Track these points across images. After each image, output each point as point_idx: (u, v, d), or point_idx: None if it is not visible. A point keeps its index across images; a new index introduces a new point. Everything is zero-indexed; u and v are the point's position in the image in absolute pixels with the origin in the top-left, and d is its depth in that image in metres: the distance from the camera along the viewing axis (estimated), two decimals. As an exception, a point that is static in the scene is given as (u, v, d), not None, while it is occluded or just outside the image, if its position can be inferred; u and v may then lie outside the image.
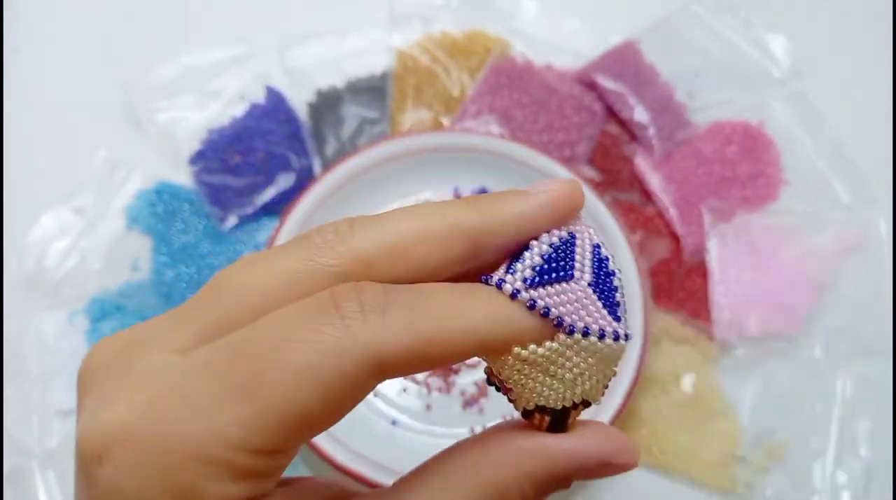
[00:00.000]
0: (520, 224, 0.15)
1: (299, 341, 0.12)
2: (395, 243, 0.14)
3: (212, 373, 0.12)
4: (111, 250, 0.36)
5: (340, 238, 0.14)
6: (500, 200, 0.15)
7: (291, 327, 0.12)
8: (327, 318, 0.12)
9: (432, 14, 0.44)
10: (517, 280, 0.14)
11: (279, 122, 0.39)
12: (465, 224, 0.14)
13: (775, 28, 0.45)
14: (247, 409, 0.12)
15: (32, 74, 0.42)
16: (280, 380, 0.12)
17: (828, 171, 0.41)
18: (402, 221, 0.14)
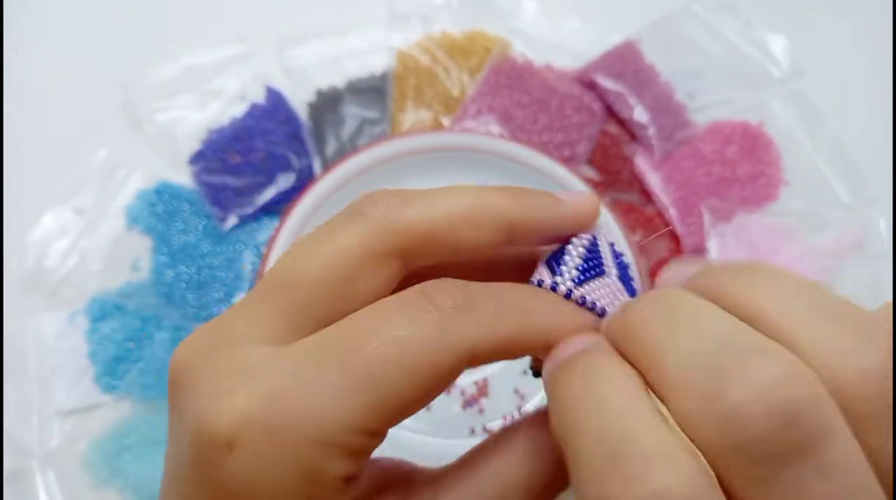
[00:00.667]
0: (554, 225, 0.16)
1: (407, 339, 0.13)
2: (448, 222, 0.15)
3: (327, 366, 0.13)
4: (111, 250, 0.36)
5: (396, 211, 0.15)
6: (540, 200, 0.16)
7: (394, 324, 0.14)
8: (427, 315, 0.14)
9: (432, 14, 0.44)
10: (567, 281, 0.16)
11: (279, 122, 0.39)
12: (509, 215, 0.16)
13: (775, 28, 0.45)
14: (364, 399, 0.13)
15: (32, 74, 0.42)
16: (392, 373, 0.13)
17: (828, 171, 0.41)
18: (453, 200, 0.15)
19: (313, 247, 0.15)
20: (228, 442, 0.13)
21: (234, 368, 0.14)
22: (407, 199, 0.15)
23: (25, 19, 0.44)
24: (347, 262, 0.14)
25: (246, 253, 0.36)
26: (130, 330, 0.34)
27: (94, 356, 0.33)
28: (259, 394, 0.13)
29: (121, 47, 0.43)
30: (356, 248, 0.14)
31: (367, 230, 0.15)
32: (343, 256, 0.14)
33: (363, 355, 0.13)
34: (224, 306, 0.35)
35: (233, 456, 0.13)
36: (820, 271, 0.38)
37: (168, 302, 0.34)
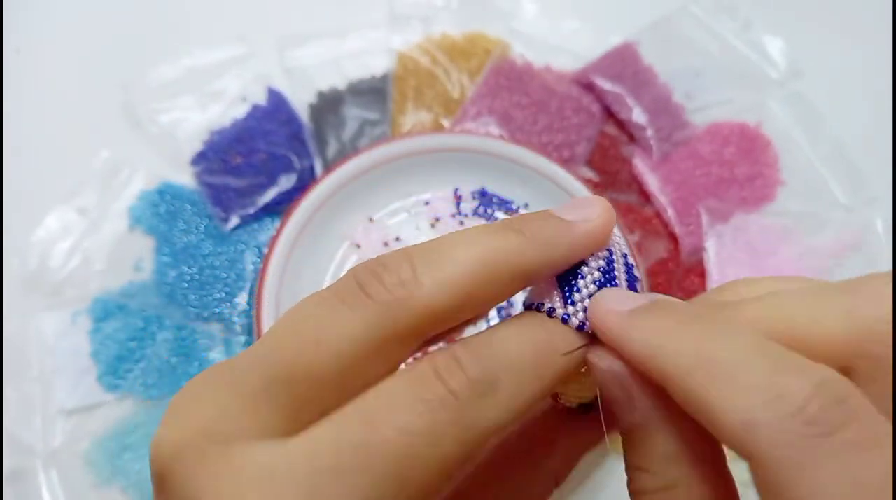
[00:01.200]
0: (570, 257, 0.15)
1: (430, 436, 0.12)
2: (463, 293, 0.14)
3: (348, 472, 0.12)
4: (114, 250, 0.36)
5: (409, 292, 0.13)
6: (554, 234, 0.15)
7: (414, 419, 0.12)
8: (445, 405, 0.13)
9: (432, 15, 0.44)
10: (579, 311, 0.15)
11: (280, 123, 0.39)
12: (525, 266, 0.14)
13: (773, 29, 0.45)
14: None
15: (35, 75, 0.42)
16: (420, 475, 0.12)
17: (825, 171, 0.41)
18: (464, 261, 0.14)
19: (316, 332, 0.13)
20: None
21: (243, 473, 0.12)
22: (416, 271, 0.14)
23: (27, 20, 0.44)
24: (362, 352, 0.13)
25: (248, 253, 0.36)
26: (133, 330, 0.34)
27: (96, 356, 0.33)
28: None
29: (122, 48, 0.43)
30: (370, 338, 0.13)
31: (380, 318, 0.13)
32: (351, 346, 0.13)
33: (390, 458, 0.12)
34: (226, 307, 0.35)
35: None
36: (818, 271, 0.38)
37: (170, 302, 0.35)
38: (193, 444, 0.13)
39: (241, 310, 0.35)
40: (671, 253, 0.38)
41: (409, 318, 0.13)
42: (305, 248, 0.34)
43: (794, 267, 0.38)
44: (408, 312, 0.13)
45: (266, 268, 0.32)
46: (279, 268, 0.32)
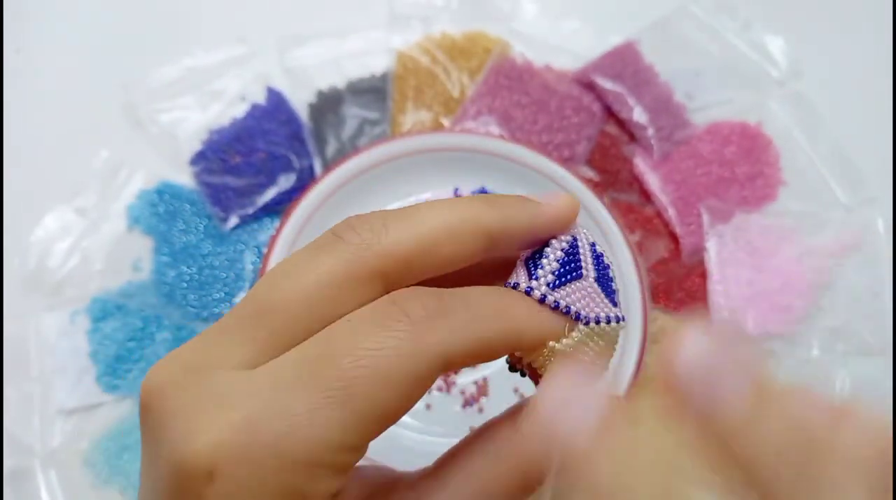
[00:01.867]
0: (532, 230, 0.16)
1: (380, 349, 0.13)
2: (428, 242, 0.15)
3: (300, 385, 0.13)
4: (113, 250, 0.36)
5: (376, 237, 0.15)
6: (518, 205, 0.16)
7: (368, 336, 0.14)
8: (399, 325, 0.14)
9: (432, 15, 0.44)
10: (542, 285, 0.16)
11: (280, 122, 0.39)
12: (488, 225, 0.16)
13: (774, 29, 0.45)
14: (342, 414, 0.13)
15: (34, 75, 0.42)
16: (368, 386, 0.13)
17: (826, 171, 0.41)
18: (431, 218, 0.15)
19: (292, 272, 0.15)
20: (208, 472, 0.13)
21: (210, 394, 0.13)
22: (386, 223, 0.15)
23: (28, 21, 0.44)
24: (328, 287, 0.14)
25: (247, 253, 0.36)
26: (132, 330, 0.34)
27: (95, 356, 0.33)
28: (236, 421, 0.13)
29: (122, 48, 0.43)
30: (337, 273, 0.14)
31: (348, 256, 0.15)
32: (323, 281, 0.14)
33: (338, 370, 0.13)
34: (225, 306, 0.35)
35: (213, 486, 0.13)
36: (818, 271, 0.38)
37: (169, 302, 0.35)
38: (171, 378, 0.14)
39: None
40: (672, 253, 0.38)
41: (374, 256, 0.15)
42: (305, 247, 0.34)
43: (794, 267, 0.38)
44: (373, 251, 0.15)
45: (266, 267, 0.32)
46: (279, 268, 0.32)
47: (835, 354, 0.37)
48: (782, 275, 0.37)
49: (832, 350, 0.37)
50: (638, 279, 0.33)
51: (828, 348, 0.37)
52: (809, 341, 0.37)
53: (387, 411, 0.14)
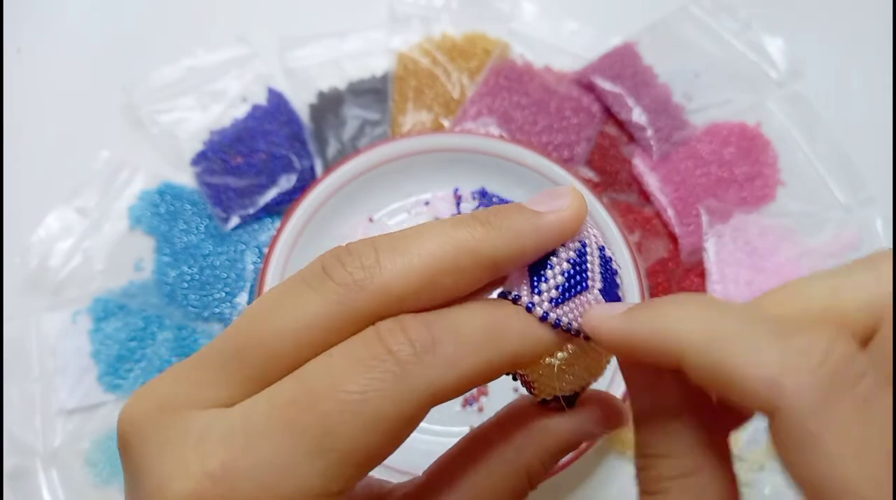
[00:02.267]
0: (539, 247, 0.15)
1: (363, 392, 0.13)
2: (425, 279, 0.14)
3: (278, 430, 0.13)
4: (114, 250, 0.36)
5: (369, 274, 0.14)
6: (520, 220, 0.15)
7: (350, 378, 0.13)
8: (384, 364, 0.13)
9: (432, 16, 0.44)
10: (545, 301, 0.15)
11: (281, 123, 0.40)
12: (490, 254, 0.14)
13: (773, 30, 0.45)
14: (323, 462, 0.12)
15: (36, 76, 0.42)
16: (351, 431, 0.12)
17: (825, 172, 0.42)
18: (427, 250, 0.14)
19: (276, 309, 0.14)
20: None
21: (185, 436, 0.13)
22: (379, 257, 0.14)
23: (29, 21, 0.44)
24: (315, 329, 0.13)
25: (248, 253, 0.36)
26: (133, 330, 0.34)
27: (96, 356, 0.34)
28: (212, 469, 0.12)
29: (123, 49, 0.43)
30: (324, 316, 0.13)
31: (337, 298, 0.13)
32: (310, 324, 0.13)
33: (318, 415, 0.13)
34: (226, 306, 0.35)
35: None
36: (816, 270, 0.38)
37: (171, 302, 0.35)
38: (148, 415, 0.14)
39: (242, 310, 0.35)
40: (671, 253, 0.38)
41: (365, 299, 0.13)
42: (305, 248, 0.34)
43: (793, 267, 0.38)
44: (365, 293, 0.13)
45: (266, 268, 0.32)
46: (279, 268, 0.32)
47: (833, 353, 0.37)
48: (781, 275, 0.37)
49: (831, 350, 0.37)
50: (637, 279, 0.33)
51: (826, 347, 0.37)
52: (808, 341, 0.37)
53: (371, 456, 0.13)
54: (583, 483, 0.32)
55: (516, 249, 0.15)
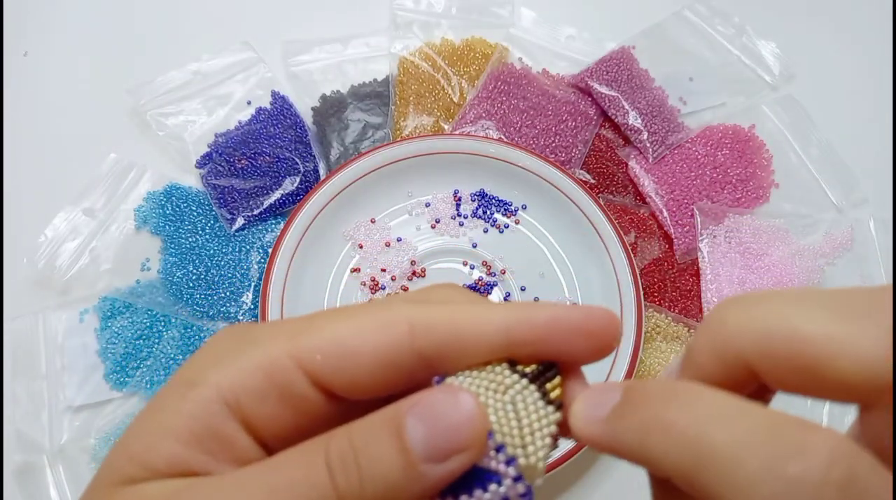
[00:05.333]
0: (481, 352, 0.13)
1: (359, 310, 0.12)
2: (353, 344, 0.13)
3: None
4: (121, 250, 0.37)
5: (302, 337, 0.13)
6: (467, 329, 0.13)
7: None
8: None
9: (433, 22, 0.45)
10: None
11: (285, 126, 0.40)
12: (424, 351, 0.13)
13: (766, 34, 0.46)
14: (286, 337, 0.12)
15: (43, 79, 0.43)
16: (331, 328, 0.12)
17: (817, 173, 0.42)
18: (355, 326, 0.13)
19: (218, 367, 0.13)
20: None
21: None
22: (311, 325, 0.13)
23: (36, 25, 0.45)
24: (242, 389, 0.13)
25: (253, 253, 0.37)
26: (140, 328, 0.34)
27: (103, 354, 0.34)
28: None
29: (130, 53, 0.44)
30: (256, 375, 0.13)
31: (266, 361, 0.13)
32: (242, 381, 0.13)
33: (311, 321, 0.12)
34: (231, 305, 0.36)
35: None
36: (810, 271, 0.39)
37: (177, 301, 0.35)
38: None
39: (247, 309, 0.35)
40: (666, 253, 0.39)
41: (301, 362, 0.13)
42: (309, 248, 0.34)
43: (786, 267, 0.38)
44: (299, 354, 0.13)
45: (271, 267, 0.33)
46: (284, 268, 0.33)
47: (826, 352, 0.37)
48: (774, 274, 0.38)
49: (823, 348, 0.37)
50: (632, 280, 0.34)
51: (819, 346, 0.37)
52: (801, 340, 0.37)
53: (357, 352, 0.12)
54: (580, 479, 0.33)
55: (455, 347, 0.13)
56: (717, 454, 0.11)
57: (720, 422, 0.11)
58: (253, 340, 0.14)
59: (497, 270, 0.36)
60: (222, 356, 0.14)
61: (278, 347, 0.13)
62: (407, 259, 0.36)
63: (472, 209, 0.38)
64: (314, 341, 0.13)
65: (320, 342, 0.13)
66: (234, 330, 0.15)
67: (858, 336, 0.11)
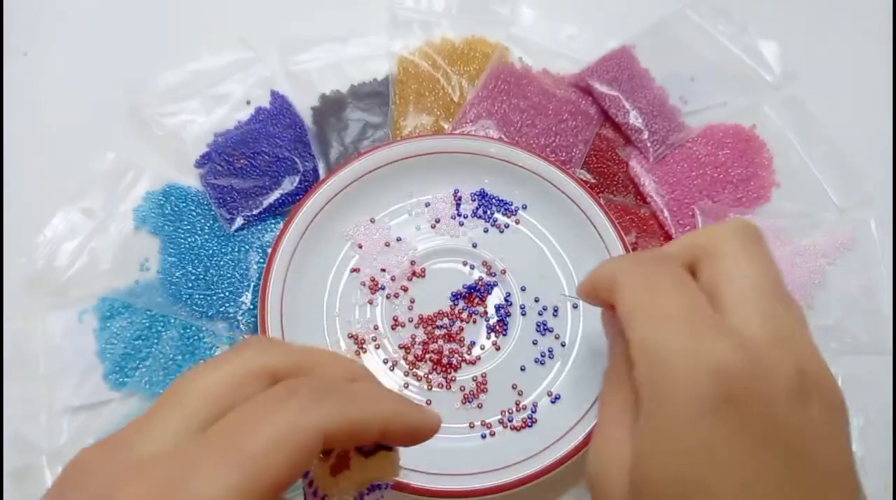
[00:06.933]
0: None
1: (271, 420, 0.16)
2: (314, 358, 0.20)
3: (206, 457, 0.16)
4: (120, 250, 0.37)
5: (266, 349, 0.19)
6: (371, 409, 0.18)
7: (263, 410, 0.17)
8: (288, 403, 0.17)
9: (432, 20, 0.45)
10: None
11: (284, 126, 0.40)
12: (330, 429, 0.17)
13: (768, 33, 0.46)
14: (238, 478, 0.15)
15: (42, 78, 0.43)
16: (261, 449, 0.16)
17: (819, 173, 0.42)
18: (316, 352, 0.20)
19: (207, 370, 0.18)
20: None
21: (127, 466, 0.16)
22: (272, 343, 0.20)
23: (35, 24, 0.45)
24: (232, 381, 0.18)
25: (252, 253, 0.37)
26: (138, 329, 0.34)
27: (102, 354, 0.34)
28: (150, 483, 0.15)
29: (129, 52, 0.43)
30: (238, 372, 0.18)
31: (242, 362, 0.18)
32: (228, 377, 0.18)
33: (238, 438, 0.16)
34: (230, 305, 0.36)
35: None
36: (811, 270, 0.39)
37: (175, 301, 0.35)
38: (103, 450, 0.17)
39: (246, 309, 0.35)
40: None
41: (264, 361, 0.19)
42: (309, 248, 0.34)
43: (787, 267, 0.38)
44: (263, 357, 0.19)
45: (270, 267, 0.33)
46: (283, 267, 0.33)
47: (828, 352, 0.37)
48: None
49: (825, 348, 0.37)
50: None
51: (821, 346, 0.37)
52: (802, 340, 0.37)
53: (277, 477, 0.16)
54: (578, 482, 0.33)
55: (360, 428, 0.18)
56: (615, 279, 0.23)
57: (616, 264, 0.24)
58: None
59: (497, 270, 0.36)
60: None
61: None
62: (407, 259, 0.36)
63: (473, 209, 0.38)
64: (255, 487, 0.16)
65: (262, 488, 0.16)
66: None
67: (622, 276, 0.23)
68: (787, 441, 0.18)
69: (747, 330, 0.19)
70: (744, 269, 0.21)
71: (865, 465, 0.35)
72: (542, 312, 0.35)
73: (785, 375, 0.19)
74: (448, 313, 0.35)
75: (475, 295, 0.35)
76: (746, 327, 0.19)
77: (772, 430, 0.18)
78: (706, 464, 0.18)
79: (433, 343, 0.34)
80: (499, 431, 0.32)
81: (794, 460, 0.18)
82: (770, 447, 0.18)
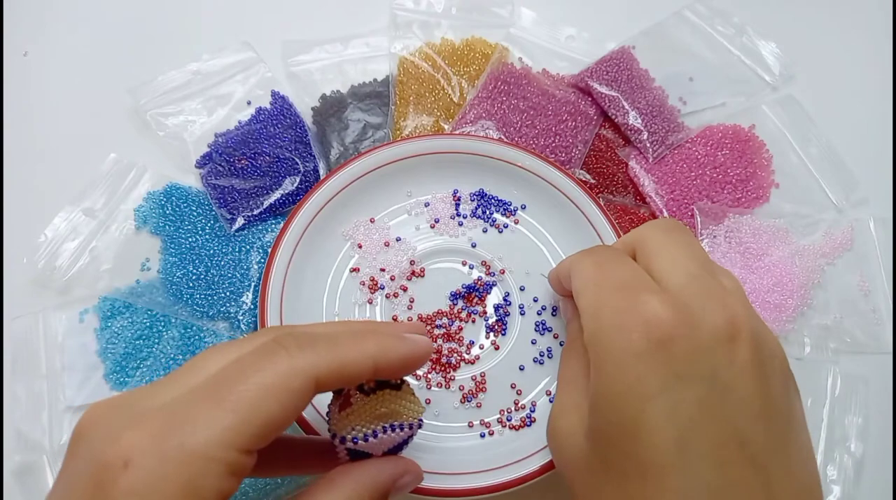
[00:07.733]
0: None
1: (261, 368, 0.18)
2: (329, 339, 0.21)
3: (204, 400, 0.17)
4: (121, 250, 0.37)
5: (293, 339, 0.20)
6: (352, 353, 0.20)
7: (253, 361, 0.18)
8: (276, 352, 0.18)
9: (432, 21, 0.45)
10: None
11: (285, 126, 0.40)
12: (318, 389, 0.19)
13: (766, 34, 0.46)
14: (232, 419, 0.17)
15: (43, 78, 0.43)
16: (252, 394, 0.17)
17: (817, 173, 0.42)
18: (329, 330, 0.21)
19: (220, 351, 0.20)
20: (124, 461, 0.16)
21: (132, 417, 0.17)
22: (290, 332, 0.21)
23: (36, 25, 0.45)
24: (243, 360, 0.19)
25: (253, 253, 0.37)
26: (140, 328, 0.35)
27: (103, 354, 0.34)
28: (150, 427, 0.17)
29: (130, 53, 0.44)
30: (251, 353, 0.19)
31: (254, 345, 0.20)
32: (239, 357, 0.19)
33: (231, 387, 0.17)
34: (231, 305, 0.36)
35: (127, 472, 0.16)
36: (810, 271, 0.39)
37: (177, 301, 0.35)
38: (103, 408, 0.18)
39: (247, 309, 0.35)
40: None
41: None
42: (309, 248, 0.34)
43: (786, 267, 0.38)
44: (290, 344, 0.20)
45: (270, 267, 0.33)
46: (283, 267, 0.33)
47: (827, 352, 0.37)
48: (774, 274, 0.38)
49: (824, 348, 0.37)
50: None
51: (820, 346, 0.37)
52: (801, 340, 0.37)
53: (269, 420, 0.17)
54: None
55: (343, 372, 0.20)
56: (571, 266, 0.26)
57: (574, 255, 0.28)
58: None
59: (496, 269, 0.36)
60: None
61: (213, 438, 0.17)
62: (406, 259, 0.36)
63: (472, 209, 0.38)
64: (247, 429, 0.17)
65: (255, 429, 0.17)
66: None
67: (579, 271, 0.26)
68: (712, 375, 0.20)
69: (675, 288, 0.22)
70: (669, 247, 0.24)
71: (865, 465, 0.35)
72: (540, 311, 0.35)
73: (711, 322, 0.21)
74: (447, 312, 0.35)
75: (474, 295, 0.35)
76: (675, 286, 0.22)
77: (697, 366, 0.20)
78: (640, 399, 0.20)
79: (432, 343, 0.34)
80: (497, 430, 0.32)
81: (715, 390, 0.20)
82: (695, 380, 0.20)
